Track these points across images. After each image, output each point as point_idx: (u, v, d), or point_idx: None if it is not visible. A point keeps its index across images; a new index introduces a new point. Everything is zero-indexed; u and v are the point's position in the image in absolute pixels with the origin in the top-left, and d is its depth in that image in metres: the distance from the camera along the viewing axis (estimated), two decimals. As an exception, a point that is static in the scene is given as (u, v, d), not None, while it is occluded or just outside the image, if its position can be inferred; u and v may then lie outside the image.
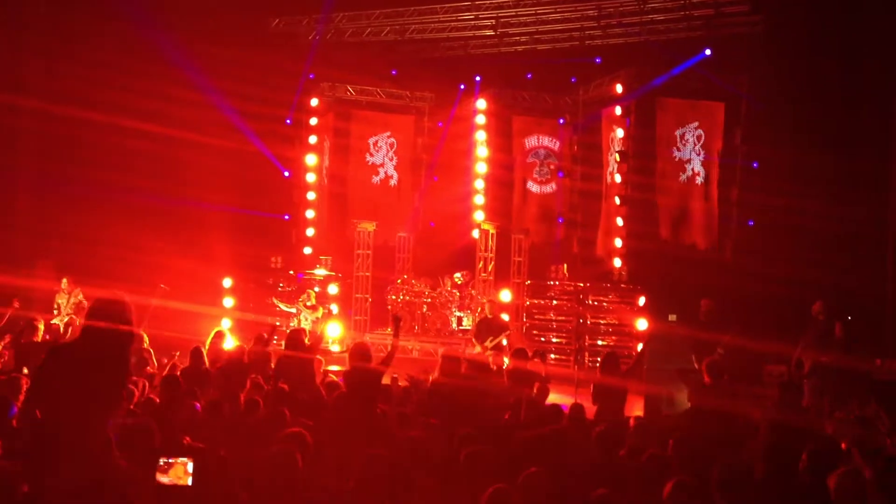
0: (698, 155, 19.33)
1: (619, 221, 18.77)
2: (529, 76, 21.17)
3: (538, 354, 11.22)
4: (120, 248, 15.01)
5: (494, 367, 11.07)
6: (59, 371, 5.16)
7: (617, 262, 18.59)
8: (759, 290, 16.00)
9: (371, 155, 21.38)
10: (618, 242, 18.74)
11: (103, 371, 5.15)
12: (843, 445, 6.90)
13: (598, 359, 15.87)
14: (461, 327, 18.09)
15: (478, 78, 20.86)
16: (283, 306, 16.81)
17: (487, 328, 14.38)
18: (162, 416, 7.35)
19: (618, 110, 19.14)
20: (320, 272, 18.31)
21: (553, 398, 10.31)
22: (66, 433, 5.02)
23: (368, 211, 20.32)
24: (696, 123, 19.37)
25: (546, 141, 21.60)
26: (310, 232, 20.03)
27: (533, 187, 21.55)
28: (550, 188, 21.62)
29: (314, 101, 20.34)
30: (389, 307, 18.79)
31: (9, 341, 11.20)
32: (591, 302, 17.45)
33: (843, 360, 11.71)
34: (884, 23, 16.27)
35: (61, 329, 13.95)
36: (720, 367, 8.82)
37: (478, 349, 13.50)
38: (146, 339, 11.91)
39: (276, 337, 12.75)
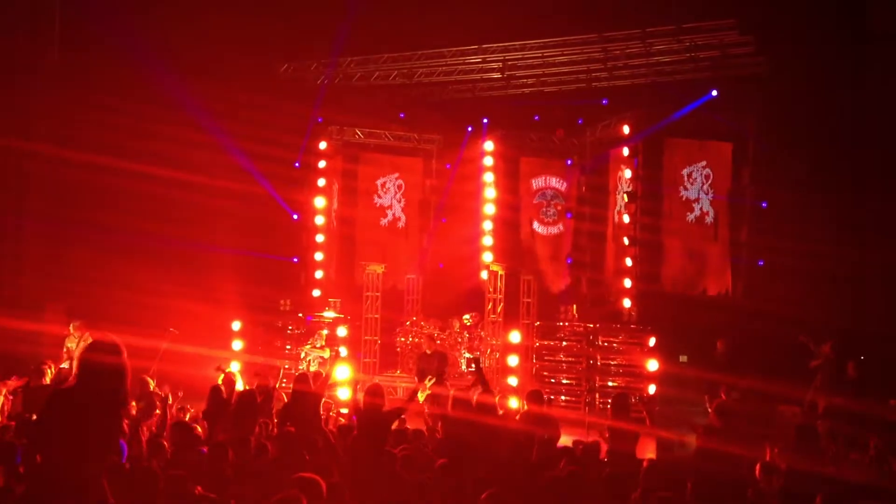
0: (707, 194, 19.33)
1: (629, 262, 18.73)
2: (537, 118, 21.25)
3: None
4: (129, 291, 15.00)
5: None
6: (57, 415, 5.15)
7: (626, 303, 18.52)
8: (769, 330, 15.91)
9: (379, 197, 21.44)
10: (627, 283, 18.68)
11: (96, 413, 5.12)
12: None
13: (609, 400, 15.94)
14: (471, 369, 17.98)
15: (485, 120, 20.98)
16: (315, 352, 16.63)
17: (427, 366, 14.43)
18: (170, 461, 7.31)
19: (625, 151, 19.17)
20: (329, 314, 18.26)
21: (564, 440, 10.23)
22: (62, 476, 4.98)
23: (377, 253, 20.34)
24: (704, 163, 19.39)
25: (553, 182, 21.62)
26: (318, 274, 20.04)
27: (539, 228, 21.52)
28: (557, 229, 21.58)
29: (323, 145, 20.45)
30: (399, 349, 18.74)
31: (15, 387, 11.12)
32: (600, 343, 17.36)
33: (857, 400, 11.62)
34: (891, 62, 16.32)
35: (72, 373, 13.89)
36: (729, 408, 8.75)
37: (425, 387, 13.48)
38: (153, 383, 11.88)
39: (284, 380, 12.76)
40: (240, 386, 11.85)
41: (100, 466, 5.12)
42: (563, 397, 17.33)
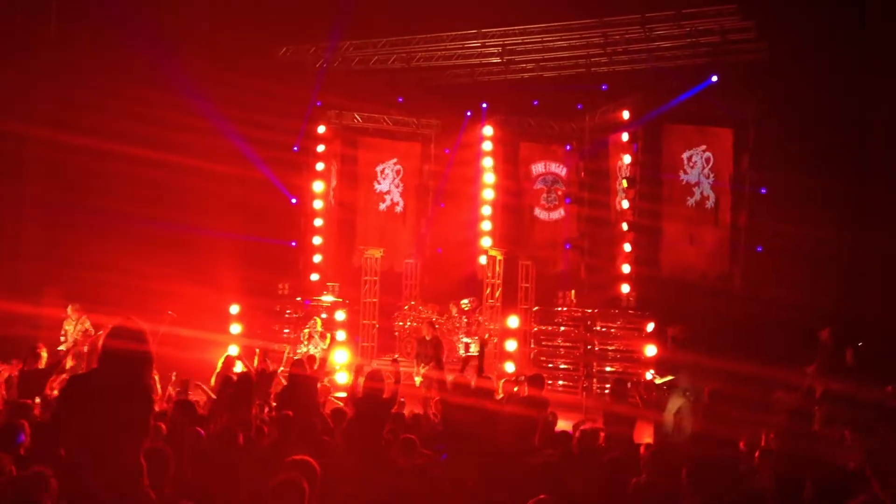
0: (707, 178, 19.29)
1: (627, 247, 18.71)
2: (536, 103, 21.18)
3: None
4: (127, 275, 14.99)
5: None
6: (82, 401, 5.06)
7: (625, 288, 18.51)
8: (768, 315, 15.91)
9: (378, 182, 21.42)
10: (626, 268, 18.67)
11: (128, 398, 5.06)
12: (856, 472, 6.83)
13: (607, 385, 15.96)
14: (469, 353, 18.01)
15: (484, 105, 20.91)
16: (321, 344, 16.51)
17: (424, 351, 14.55)
18: (171, 442, 7.29)
19: (624, 136, 19.14)
20: (327, 298, 18.28)
21: (564, 425, 10.25)
22: (98, 464, 4.91)
23: (375, 237, 20.36)
24: (704, 147, 19.35)
25: (553, 167, 21.59)
26: (317, 258, 20.05)
27: (540, 214, 21.50)
28: (558, 214, 21.56)
29: (321, 129, 20.42)
30: (397, 333, 18.74)
31: (10, 374, 11.06)
32: (598, 328, 17.39)
33: (855, 386, 11.61)
34: (891, 47, 16.27)
35: (68, 356, 13.87)
36: (721, 393, 8.74)
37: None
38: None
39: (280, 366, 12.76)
40: (238, 369, 11.87)
41: (137, 447, 5.05)
42: (560, 382, 17.33)
